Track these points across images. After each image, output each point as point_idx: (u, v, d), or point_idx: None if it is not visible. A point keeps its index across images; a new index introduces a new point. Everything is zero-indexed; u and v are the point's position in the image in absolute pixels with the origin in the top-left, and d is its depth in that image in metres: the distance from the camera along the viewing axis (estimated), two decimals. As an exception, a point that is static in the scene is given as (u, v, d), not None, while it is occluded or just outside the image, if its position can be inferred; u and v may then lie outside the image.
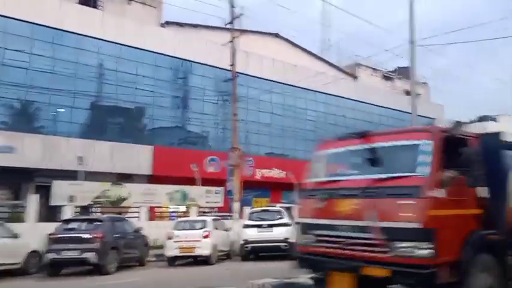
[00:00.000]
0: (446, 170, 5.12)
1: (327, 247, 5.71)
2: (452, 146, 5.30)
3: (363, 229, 5.24)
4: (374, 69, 41.88)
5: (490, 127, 51.36)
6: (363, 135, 5.82)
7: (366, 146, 5.61)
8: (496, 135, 6.13)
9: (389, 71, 44.93)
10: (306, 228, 6.17)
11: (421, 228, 4.79)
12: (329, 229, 5.68)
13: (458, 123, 5.83)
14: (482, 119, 50.49)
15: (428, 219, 4.84)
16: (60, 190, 16.62)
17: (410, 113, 12.68)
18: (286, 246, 13.56)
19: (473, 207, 5.45)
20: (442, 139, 5.29)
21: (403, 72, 45.30)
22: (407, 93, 42.47)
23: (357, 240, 5.32)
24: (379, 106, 37.07)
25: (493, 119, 50.50)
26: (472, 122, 53.70)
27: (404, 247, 4.90)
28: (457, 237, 5.11)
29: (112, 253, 11.67)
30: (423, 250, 4.80)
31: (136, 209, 18.51)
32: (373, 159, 5.49)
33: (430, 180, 5.01)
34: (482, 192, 5.62)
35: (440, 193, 5.03)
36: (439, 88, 72.50)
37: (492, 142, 6.00)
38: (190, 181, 21.18)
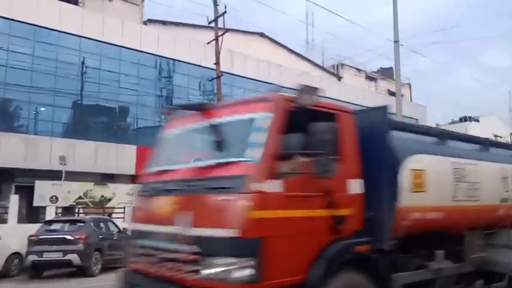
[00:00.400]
0: (290, 154, 3.63)
1: (142, 262, 4.21)
2: (302, 121, 3.77)
3: (173, 238, 3.75)
4: (358, 69, 42.26)
5: (471, 127, 52.37)
6: (202, 109, 4.35)
7: (204, 124, 4.09)
8: (381, 110, 4.66)
9: (373, 72, 45.43)
10: (130, 236, 4.83)
11: (239, 238, 3.32)
12: (144, 237, 4.26)
13: (309, 89, 4.00)
14: (464, 119, 51.62)
15: (249, 224, 3.37)
16: (43, 190, 16.25)
17: (393, 113, 12.77)
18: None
19: (335, 207, 3.87)
20: (285, 111, 3.78)
21: (386, 73, 45.93)
22: (391, 93, 43.05)
23: (169, 255, 3.80)
24: (363, 106, 37.28)
25: (474, 119, 51.61)
26: (453, 122, 54.95)
27: (217, 266, 3.39)
28: (304, 250, 3.65)
29: (96, 255, 11.42)
30: (240, 271, 3.31)
31: (121, 210, 18.20)
32: (211, 140, 4.01)
33: (260, 168, 3.52)
34: (354, 186, 4.12)
35: (273, 186, 3.52)
36: (421, 89, 73.77)
37: (374, 120, 4.57)
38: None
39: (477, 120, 51.70)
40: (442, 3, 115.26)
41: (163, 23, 29.57)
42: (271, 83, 29.53)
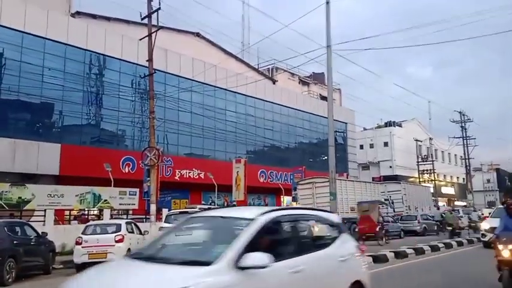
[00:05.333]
0: None
1: None
2: None
3: None
4: (291, 73, 43.22)
5: (395, 132, 55.77)
6: None
7: None
8: None
9: (306, 76, 46.72)
10: None
11: None
12: None
13: None
14: (389, 124, 54.79)
15: None
16: None
17: (324, 117, 13.19)
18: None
19: None
20: None
21: (318, 78, 47.47)
22: (322, 97, 44.57)
23: None
24: (296, 109, 38.29)
25: (398, 124, 54.98)
26: (379, 126, 58.01)
27: None
28: None
29: (9, 262, 10.45)
30: None
31: (41, 212, 16.91)
32: None
33: None
34: None
35: None
36: (350, 94, 77.08)
37: None
38: (103, 182, 19.98)
39: (400, 126, 55.19)
40: (371, 13, 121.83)
41: (94, 16, 28.17)
42: (206, 83, 29.39)
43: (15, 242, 10.94)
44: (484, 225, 16.18)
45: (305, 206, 24.04)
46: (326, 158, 29.66)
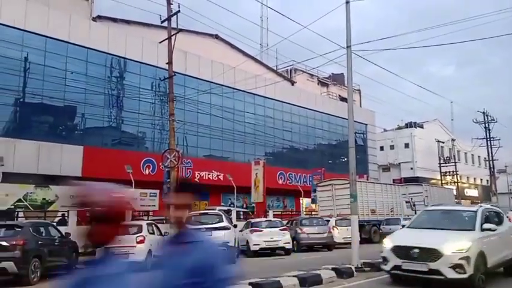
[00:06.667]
0: None
1: None
2: None
3: None
4: (310, 74, 43.03)
5: (416, 133, 54.77)
6: None
7: None
8: None
9: (325, 77, 46.43)
10: None
11: None
12: None
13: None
14: (409, 125, 53.93)
15: None
16: (-24, 193, 15.10)
17: (344, 118, 13.02)
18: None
19: None
20: None
21: (337, 79, 47.12)
22: (342, 99, 44.21)
23: None
24: (315, 111, 38.08)
25: (419, 125, 54.04)
26: (400, 128, 57.16)
27: None
28: None
29: (35, 262, 10.68)
30: None
31: (64, 213, 17.24)
32: None
33: None
34: None
35: None
36: (370, 95, 76.24)
37: None
38: (124, 183, 20.15)
39: (421, 127, 54.27)
40: (387, 13, 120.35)
41: (114, 20, 28.62)
42: (225, 85, 29.50)
43: (40, 242, 11.18)
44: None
45: (324, 208, 23.88)
46: (345, 159, 29.38)
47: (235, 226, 15.65)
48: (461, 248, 7.61)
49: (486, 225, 8.33)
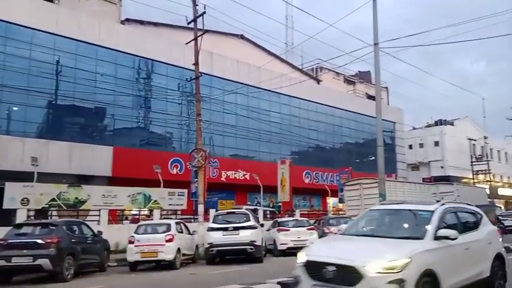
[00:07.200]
0: None
1: None
2: None
3: None
4: (336, 72, 42.61)
5: (447, 130, 53.39)
6: None
7: None
8: None
9: (351, 75, 45.88)
10: None
11: None
12: None
13: None
14: (439, 122, 52.64)
15: None
16: (13, 192, 15.65)
17: (371, 116, 12.84)
18: (252, 249, 13.36)
19: None
20: None
21: (364, 76, 46.48)
22: (369, 97, 43.58)
23: None
24: (341, 109, 37.69)
25: (450, 122, 52.65)
26: (429, 125, 55.89)
27: None
28: None
29: (69, 259, 10.99)
30: None
31: (96, 212, 17.69)
32: None
33: None
34: None
35: None
36: (397, 92, 74.82)
37: None
38: (152, 183, 20.58)
39: (452, 124, 52.87)
40: (415, 9, 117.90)
41: (142, 22, 29.16)
42: (250, 85, 29.58)
43: (73, 240, 11.49)
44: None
45: (352, 207, 23.61)
46: (373, 158, 28.95)
47: (262, 225, 15.67)
48: (392, 266, 5.02)
49: (442, 232, 5.78)
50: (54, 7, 23.34)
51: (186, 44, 21.13)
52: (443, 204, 6.61)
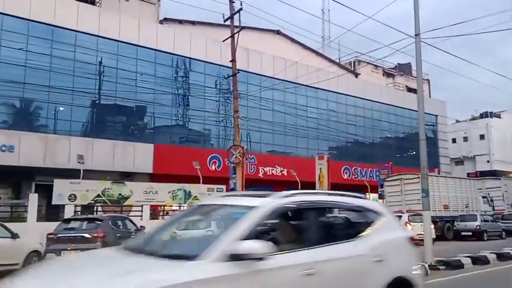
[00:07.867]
0: None
1: None
2: None
3: None
4: (375, 65, 41.66)
5: (493, 123, 50.93)
6: None
7: None
8: None
9: (390, 68, 44.71)
10: None
11: None
12: None
13: None
14: (485, 115, 50.36)
15: None
16: (61, 189, 16.38)
17: (411, 110, 12.40)
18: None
19: None
20: None
21: (404, 69, 45.16)
22: (409, 89, 42.34)
23: None
24: (380, 103, 36.83)
25: (496, 115, 50.27)
26: (474, 118, 53.57)
27: None
28: None
29: (113, 253, 11.39)
30: None
31: (138, 208, 18.25)
32: None
33: None
34: None
35: None
36: (439, 84, 72.19)
37: None
38: (192, 179, 20.94)
39: (499, 116, 50.45)
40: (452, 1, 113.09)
41: (180, 21, 29.64)
42: (287, 81, 29.43)
43: (118, 235, 11.88)
44: None
45: (393, 203, 23.04)
46: (414, 153, 28.16)
47: None
48: None
49: (245, 247, 3.20)
50: (96, 10, 24.15)
51: (223, 41, 21.31)
52: (285, 196, 3.99)
